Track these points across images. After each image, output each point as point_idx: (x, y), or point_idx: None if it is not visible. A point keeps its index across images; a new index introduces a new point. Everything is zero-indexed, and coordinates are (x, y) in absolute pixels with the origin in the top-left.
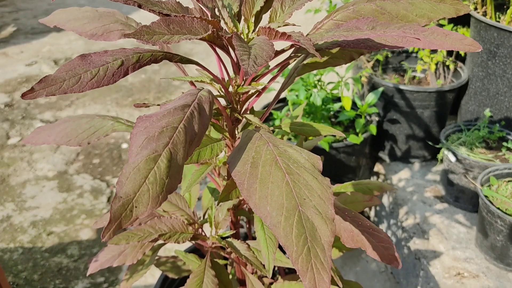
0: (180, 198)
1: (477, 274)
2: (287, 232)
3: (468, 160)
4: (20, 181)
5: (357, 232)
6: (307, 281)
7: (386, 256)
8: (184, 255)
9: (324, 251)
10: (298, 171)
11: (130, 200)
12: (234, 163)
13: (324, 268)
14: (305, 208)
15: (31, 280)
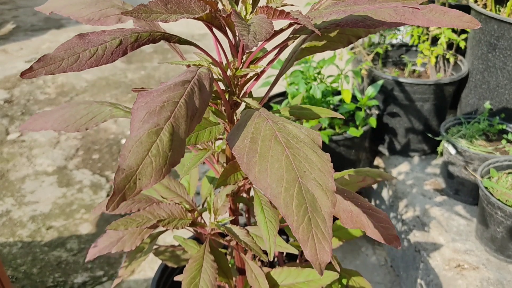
0: (179, 185)
1: (477, 266)
2: (287, 202)
3: (468, 152)
4: (19, 176)
5: (357, 213)
6: (308, 250)
7: (386, 236)
8: (183, 240)
9: (325, 221)
10: (298, 146)
11: (133, 172)
12: (234, 139)
13: (325, 238)
14: (305, 180)
15: (30, 273)
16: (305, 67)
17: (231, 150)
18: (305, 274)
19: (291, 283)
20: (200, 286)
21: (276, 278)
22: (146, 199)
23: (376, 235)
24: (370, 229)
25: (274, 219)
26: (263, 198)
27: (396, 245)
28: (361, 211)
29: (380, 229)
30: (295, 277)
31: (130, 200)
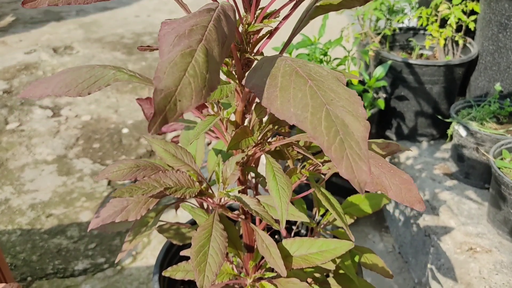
0: (186, 153)
1: (490, 249)
2: (315, 124)
3: (480, 134)
4: (18, 165)
5: (378, 174)
6: (344, 168)
7: (408, 199)
8: (190, 209)
9: (359, 144)
10: (321, 79)
11: (172, 93)
12: (251, 80)
13: (361, 159)
14: (332, 107)
15: (30, 261)
16: (311, 49)
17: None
18: (318, 244)
19: (304, 254)
20: (210, 254)
21: (288, 248)
22: (151, 166)
23: (398, 197)
24: (392, 191)
25: (286, 186)
26: (275, 164)
27: (420, 208)
28: (382, 172)
29: (403, 191)
30: (307, 248)
31: (135, 166)
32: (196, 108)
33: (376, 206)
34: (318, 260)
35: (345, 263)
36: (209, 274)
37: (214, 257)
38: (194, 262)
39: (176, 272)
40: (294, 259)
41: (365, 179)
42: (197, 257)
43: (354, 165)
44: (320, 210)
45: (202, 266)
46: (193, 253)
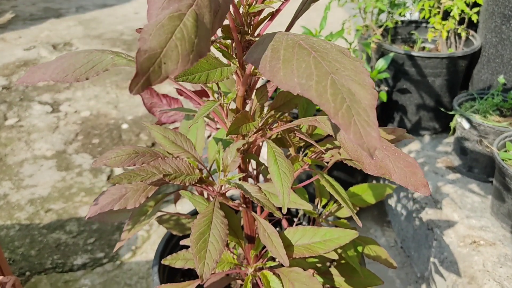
0: (186, 140)
1: (494, 242)
2: (320, 92)
3: (483, 126)
4: (17, 160)
5: (382, 157)
6: (352, 134)
7: (413, 182)
8: (190, 196)
9: (367, 111)
10: (325, 51)
11: (157, 54)
12: (252, 55)
13: (370, 125)
14: (338, 76)
15: (28, 255)
16: None
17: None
18: (321, 233)
19: (307, 243)
20: (210, 241)
21: (290, 238)
22: (150, 152)
23: (402, 180)
24: (396, 174)
25: (288, 171)
26: (277, 149)
27: (425, 192)
28: (386, 155)
29: (407, 174)
30: (310, 237)
31: (134, 152)
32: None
33: (379, 196)
34: (321, 250)
35: (348, 253)
36: (210, 261)
37: (214, 244)
38: (194, 249)
39: (176, 261)
40: (296, 248)
41: (375, 144)
42: (197, 244)
43: (363, 130)
44: (322, 200)
45: (202, 253)
46: (193, 240)
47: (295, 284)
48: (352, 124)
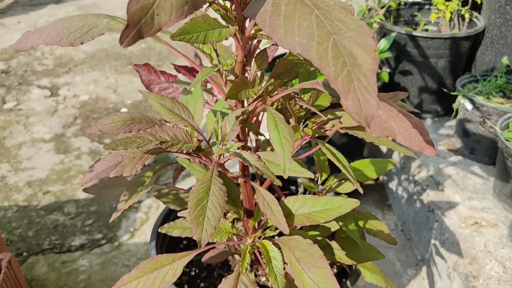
0: (184, 108)
1: (496, 223)
2: (321, 54)
3: (486, 107)
4: (15, 143)
5: (386, 118)
6: (351, 101)
7: (418, 143)
8: (188, 163)
9: (367, 77)
10: (328, 8)
11: (150, 5)
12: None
13: (369, 92)
14: (340, 37)
15: (26, 236)
16: None
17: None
18: (322, 202)
19: (307, 212)
20: (208, 208)
21: (290, 207)
22: (147, 120)
23: (407, 141)
24: (401, 135)
25: (289, 136)
26: (277, 115)
27: (430, 152)
28: (390, 116)
29: (412, 135)
30: (311, 206)
31: (130, 118)
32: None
33: (380, 171)
34: (322, 219)
35: (349, 226)
36: (208, 227)
37: (213, 211)
38: (192, 215)
39: (173, 229)
40: (296, 217)
41: (372, 113)
42: (195, 210)
43: (362, 98)
44: (322, 175)
45: (200, 219)
46: (191, 206)
47: (295, 252)
48: (351, 90)
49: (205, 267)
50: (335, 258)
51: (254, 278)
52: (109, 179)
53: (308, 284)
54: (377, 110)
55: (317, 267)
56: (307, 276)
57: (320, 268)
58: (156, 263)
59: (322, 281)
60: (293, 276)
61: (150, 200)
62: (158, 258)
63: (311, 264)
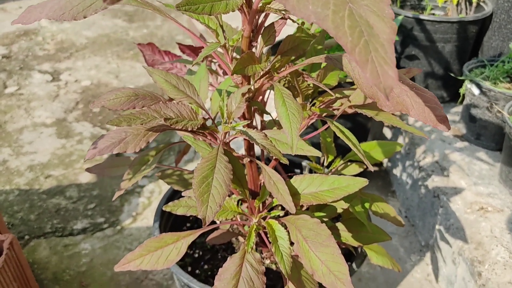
0: (189, 85)
1: (502, 208)
2: (337, 23)
3: (493, 92)
4: (17, 128)
5: (398, 92)
6: (369, 72)
7: (432, 118)
8: (193, 140)
9: (385, 47)
10: None
11: None
12: None
13: (387, 63)
14: (356, 5)
15: (27, 220)
16: None
17: None
18: (329, 181)
19: (314, 192)
20: (213, 185)
21: (297, 186)
22: (151, 96)
23: (421, 116)
24: (414, 110)
25: (297, 111)
26: (285, 91)
27: (444, 128)
28: (403, 91)
29: (426, 110)
30: (318, 185)
31: (134, 94)
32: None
33: (388, 153)
34: (329, 198)
35: (355, 208)
36: (213, 204)
37: (218, 189)
38: (197, 192)
39: (178, 208)
40: (303, 197)
41: (391, 84)
42: (199, 188)
43: (380, 69)
44: (329, 157)
45: (205, 196)
46: (196, 183)
47: (302, 230)
48: (369, 61)
49: (209, 249)
50: (341, 239)
51: (260, 258)
52: (112, 159)
53: (315, 263)
54: (396, 81)
55: (324, 246)
56: (314, 255)
57: (328, 247)
58: (160, 241)
59: (329, 260)
60: (300, 255)
61: (152, 185)
62: (162, 237)
63: (318, 243)
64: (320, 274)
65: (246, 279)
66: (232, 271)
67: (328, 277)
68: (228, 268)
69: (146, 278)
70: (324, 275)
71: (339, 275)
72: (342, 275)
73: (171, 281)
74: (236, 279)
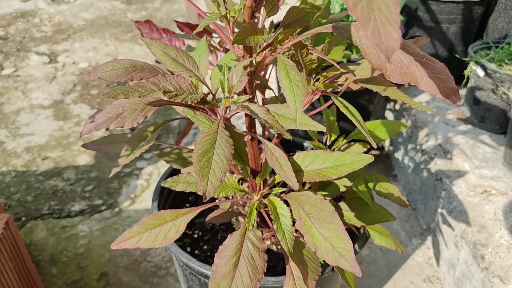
0: (188, 58)
1: (506, 191)
2: None
3: (499, 74)
4: (14, 109)
5: (408, 62)
6: (370, 32)
7: (442, 90)
8: (193, 114)
9: (390, 7)
10: None
11: None
12: None
13: (391, 23)
14: None
15: (24, 201)
16: None
17: None
18: (333, 158)
19: (317, 169)
20: (214, 160)
21: (299, 163)
22: (149, 68)
23: (431, 87)
24: (424, 81)
25: (301, 84)
26: (289, 62)
27: (455, 100)
28: (413, 60)
29: (435, 81)
30: (321, 161)
31: (131, 66)
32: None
33: (392, 132)
34: (333, 175)
35: (359, 187)
36: (213, 179)
37: (219, 163)
38: (197, 167)
39: (177, 184)
40: (306, 173)
41: (393, 46)
42: (199, 162)
43: (382, 29)
44: (332, 136)
45: (205, 171)
46: (196, 157)
47: (305, 207)
48: (371, 20)
49: (209, 230)
50: (344, 219)
51: (261, 235)
52: (109, 136)
53: (318, 240)
54: (399, 43)
55: (328, 222)
56: (317, 232)
57: (332, 223)
58: (159, 219)
59: (333, 237)
60: (302, 232)
61: (151, 167)
62: (161, 214)
63: (321, 219)
64: (323, 251)
65: (247, 257)
66: (233, 248)
67: (331, 254)
68: (229, 246)
69: (145, 260)
70: (327, 251)
71: (342, 251)
72: (346, 251)
73: (169, 263)
74: (237, 256)
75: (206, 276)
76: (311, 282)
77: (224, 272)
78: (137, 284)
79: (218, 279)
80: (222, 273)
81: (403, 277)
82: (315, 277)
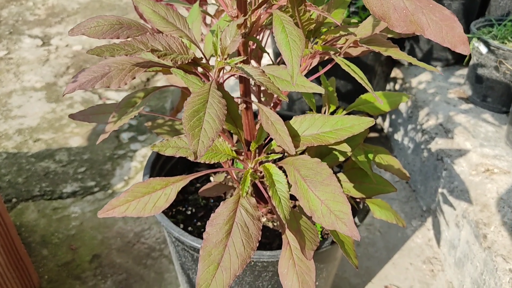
0: (179, 17)
1: (509, 170)
2: None
3: (502, 50)
4: (5, 91)
5: (413, 9)
6: None
7: (450, 39)
8: (183, 74)
9: None
10: None
11: None
12: None
13: None
14: None
15: (15, 183)
16: None
17: None
18: (332, 122)
19: (315, 133)
20: (205, 120)
21: (296, 128)
22: (137, 26)
23: (437, 36)
24: (430, 29)
25: (298, 39)
26: (285, 17)
27: (463, 50)
28: (418, 7)
29: (443, 30)
30: (320, 126)
31: (117, 22)
32: None
33: (393, 104)
34: (332, 139)
35: (358, 157)
36: (205, 139)
37: (210, 123)
38: (187, 126)
39: (166, 148)
40: (303, 138)
41: None
42: (190, 121)
43: None
44: (331, 107)
45: (196, 131)
46: (186, 117)
47: (301, 170)
48: None
49: (202, 206)
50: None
51: (256, 202)
52: (98, 105)
53: (314, 203)
54: None
55: (325, 185)
56: (313, 195)
57: (329, 186)
58: (148, 187)
59: (330, 200)
60: (298, 196)
61: (145, 149)
62: (150, 182)
63: (318, 182)
64: (319, 215)
65: (240, 225)
66: (226, 216)
67: (328, 218)
68: (221, 213)
69: (138, 242)
70: (323, 215)
71: (340, 214)
72: (343, 214)
73: (163, 244)
74: (230, 224)
75: (199, 251)
76: (308, 252)
77: (216, 241)
78: (130, 265)
79: (209, 248)
80: (214, 242)
81: (402, 258)
82: (313, 247)
